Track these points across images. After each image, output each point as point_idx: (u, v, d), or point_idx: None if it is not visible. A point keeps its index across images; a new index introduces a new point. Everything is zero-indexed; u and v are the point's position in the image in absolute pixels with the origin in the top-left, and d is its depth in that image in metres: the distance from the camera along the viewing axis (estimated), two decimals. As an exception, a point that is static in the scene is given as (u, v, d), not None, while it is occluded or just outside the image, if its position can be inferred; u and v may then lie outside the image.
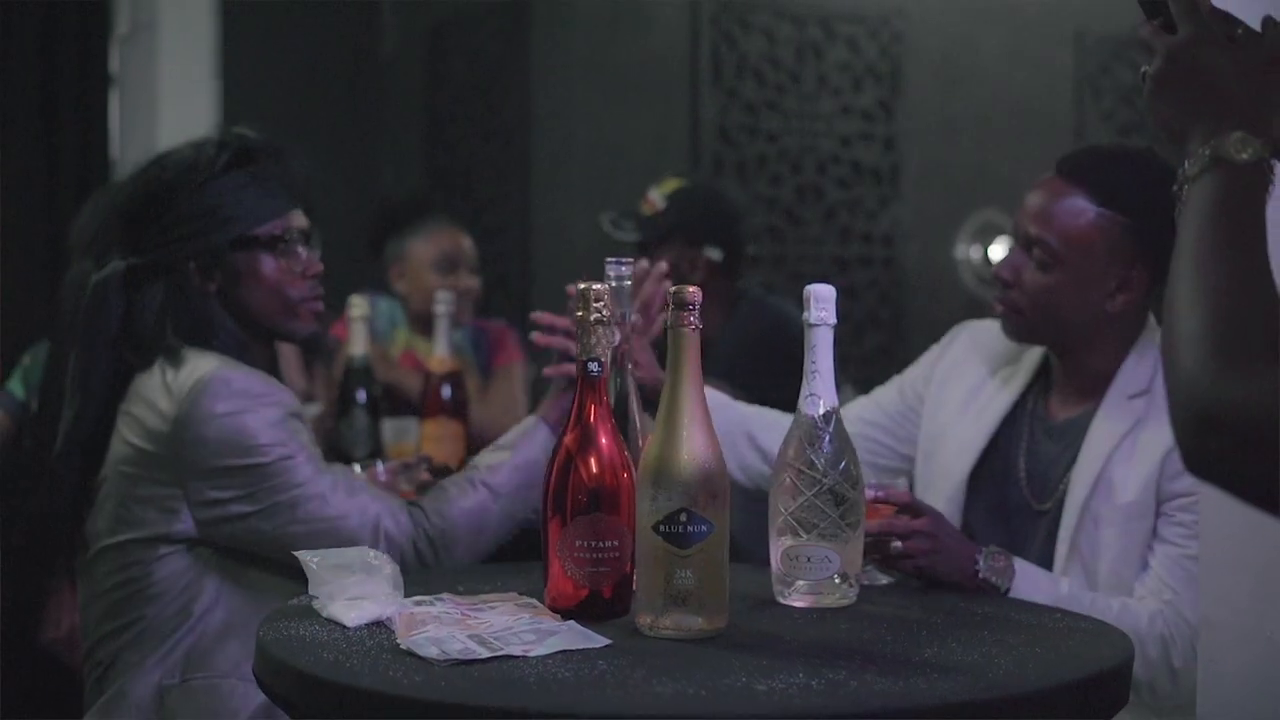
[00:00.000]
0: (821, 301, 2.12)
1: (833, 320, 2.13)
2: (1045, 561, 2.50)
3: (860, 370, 5.18)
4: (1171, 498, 2.44)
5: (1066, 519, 2.50)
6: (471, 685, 1.68)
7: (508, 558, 2.56)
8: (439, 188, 5.74)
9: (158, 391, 2.43)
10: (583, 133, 5.41)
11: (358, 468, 2.89)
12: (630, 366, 2.22)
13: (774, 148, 5.59)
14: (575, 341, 2.04)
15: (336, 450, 3.62)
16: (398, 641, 1.83)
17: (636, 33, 5.42)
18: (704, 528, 1.88)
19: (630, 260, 2.23)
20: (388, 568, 2.04)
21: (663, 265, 2.60)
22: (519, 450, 2.54)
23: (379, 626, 1.93)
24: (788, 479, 2.11)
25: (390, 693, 1.67)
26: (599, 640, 1.84)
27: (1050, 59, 5.93)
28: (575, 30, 5.40)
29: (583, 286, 2.01)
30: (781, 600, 2.12)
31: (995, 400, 2.66)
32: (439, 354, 3.77)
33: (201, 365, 2.43)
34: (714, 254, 3.97)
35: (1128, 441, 2.49)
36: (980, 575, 2.31)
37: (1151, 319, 2.58)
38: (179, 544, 2.45)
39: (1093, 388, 2.57)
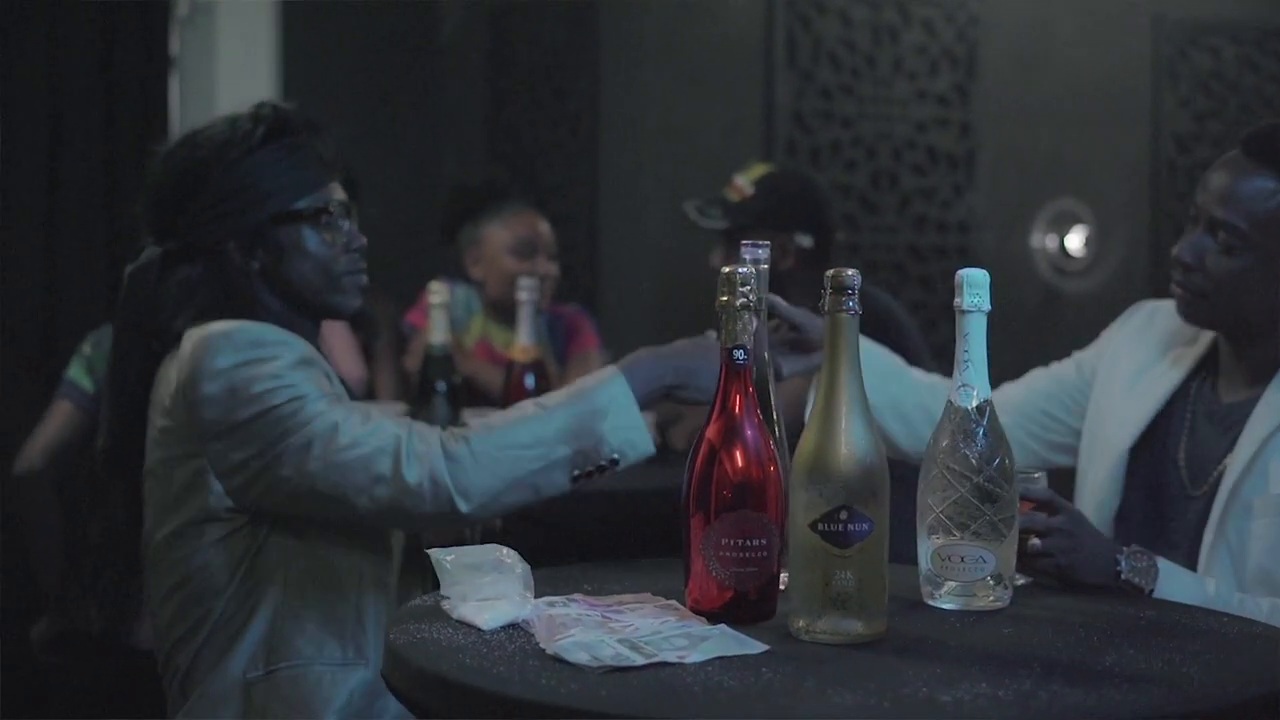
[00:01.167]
0: (975, 286, 2.01)
1: (987, 306, 2.02)
2: (1193, 548, 2.41)
3: (933, 363, 5.06)
4: None
5: (1216, 504, 2.40)
6: (632, 695, 1.58)
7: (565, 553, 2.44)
8: (502, 174, 5.63)
9: (171, 366, 2.35)
10: (653, 118, 5.28)
11: None
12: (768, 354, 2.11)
13: (849, 133, 5.46)
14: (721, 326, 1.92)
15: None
16: (542, 646, 1.74)
17: (709, 15, 5.31)
18: (865, 526, 1.78)
19: (766, 243, 2.12)
20: (519, 566, 1.93)
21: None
22: (585, 398, 2.29)
23: (515, 629, 1.83)
24: (939, 474, 2.01)
25: (546, 702, 1.57)
26: (756, 646, 1.74)
27: (1128, 43, 5.80)
28: (646, 13, 5.28)
29: (727, 270, 1.91)
30: (930, 602, 2.02)
31: (1163, 380, 2.56)
32: (522, 342, 3.67)
33: (206, 328, 2.34)
34: (804, 240, 3.86)
35: None
36: (1123, 576, 2.21)
37: None
38: (224, 524, 2.35)
39: (1262, 372, 2.46)
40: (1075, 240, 5.71)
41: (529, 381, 3.63)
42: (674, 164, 5.23)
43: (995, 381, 2.06)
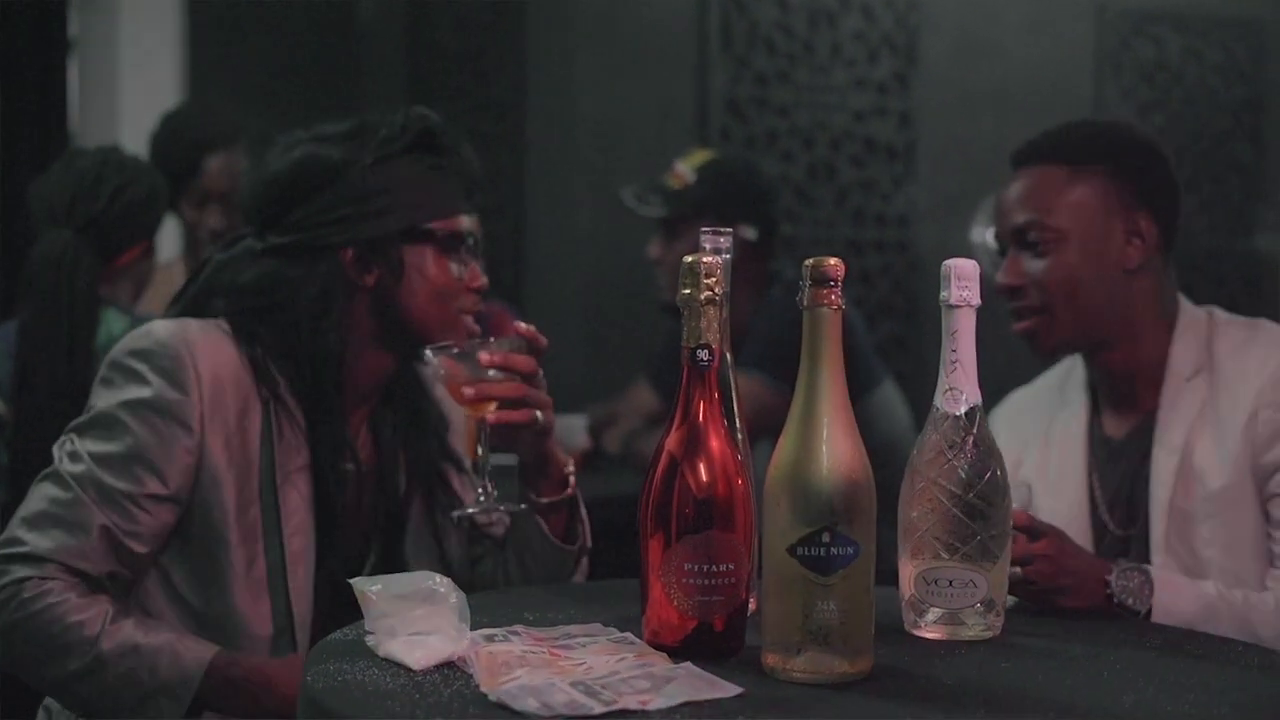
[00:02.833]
0: (964, 279, 1.83)
1: (977, 301, 1.84)
2: None
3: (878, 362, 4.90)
4: (1272, 473, 2.25)
5: (1155, 526, 2.30)
6: (591, 751, 1.36)
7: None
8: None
9: None
10: (582, 106, 5.12)
11: None
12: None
13: (785, 122, 5.33)
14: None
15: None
16: (483, 690, 1.51)
17: (641, -3, 5.18)
18: (850, 550, 1.58)
19: (729, 231, 1.90)
20: (454, 596, 1.70)
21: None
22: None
23: (451, 669, 1.61)
24: (924, 489, 1.82)
25: (491, 761, 1.35)
26: (729, 688, 1.53)
27: (1070, 32, 5.70)
28: (574, -6, 5.15)
29: (690, 259, 1.69)
30: (912, 630, 1.83)
31: (1065, 453, 2.46)
32: (448, 341, 3.43)
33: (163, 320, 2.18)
34: (748, 232, 3.68)
35: (1198, 424, 2.30)
36: (1115, 599, 2.06)
37: (1183, 299, 2.42)
38: None
39: (1144, 390, 2.38)
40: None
41: (457, 381, 3.40)
42: (604, 153, 5.08)
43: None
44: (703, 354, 1.69)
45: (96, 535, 2.02)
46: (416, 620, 1.67)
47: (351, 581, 1.71)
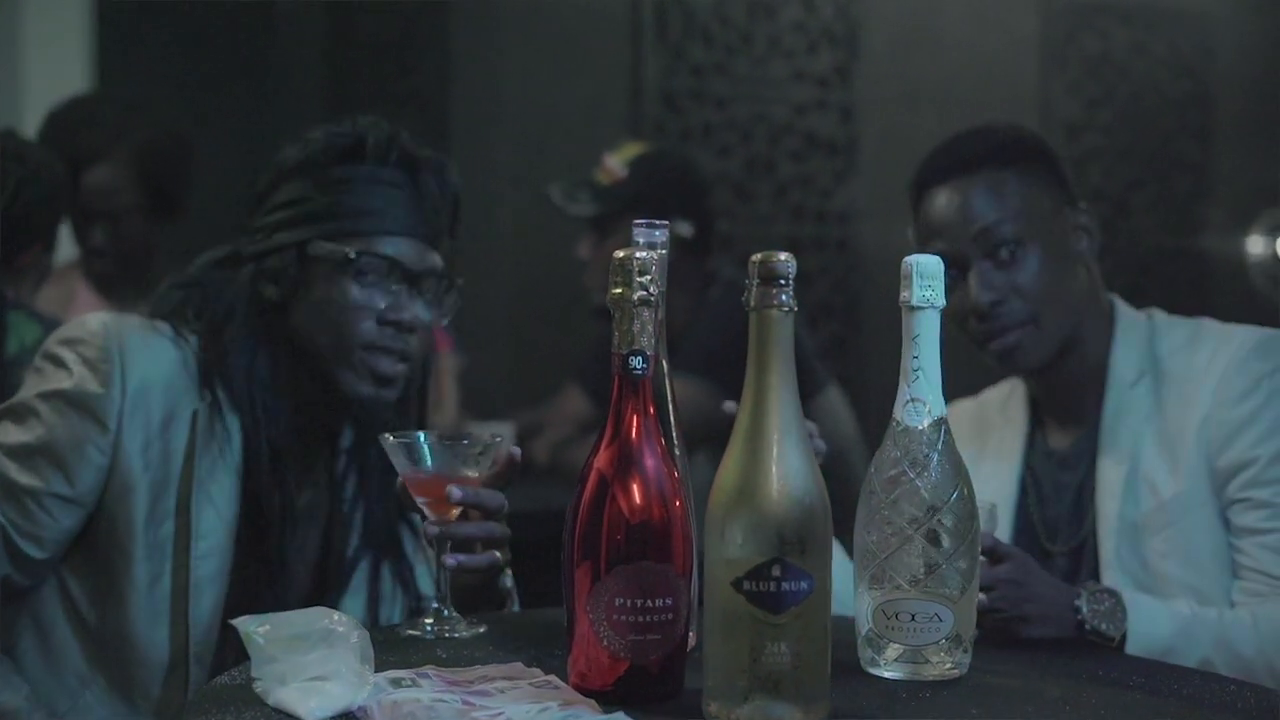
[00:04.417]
0: (926, 278, 1.67)
1: (941, 301, 1.68)
2: None
3: (819, 364, 4.77)
4: (1232, 475, 2.13)
5: (1104, 541, 2.19)
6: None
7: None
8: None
9: None
10: (509, 97, 4.99)
11: None
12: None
13: (722, 115, 5.23)
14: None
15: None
16: (384, 748, 1.33)
17: (572, -17, 5.09)
18: (804, 585, 1.41)
19: (665, 223, 1.72)
20: (355, 635, 1.51)
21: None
22: None
23: (349, 720, 1.44)
24: (884, 512, 1.64)
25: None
26: (665, 744, 1.34)
27: (1015, 24, 5.62)
28: (502, -20, 5.04)
29: (622, 255, 1.52)
30: (870, 669, 1.65)
31: (998, 476, 2.35)
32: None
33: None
34: (683, 230, 3.52)
35: (1149, 431, 2.19)
36: (1086, 626, 1.91)
37: (1119, 300, 2.33)
38: None
39: (1087, 398, 2.29)
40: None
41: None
42: (531, 148, 4.96)
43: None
44: (636, 361, 1.51)
45: None
46: (311, 664, 1.48)
47: (234, 622, 1.52)
